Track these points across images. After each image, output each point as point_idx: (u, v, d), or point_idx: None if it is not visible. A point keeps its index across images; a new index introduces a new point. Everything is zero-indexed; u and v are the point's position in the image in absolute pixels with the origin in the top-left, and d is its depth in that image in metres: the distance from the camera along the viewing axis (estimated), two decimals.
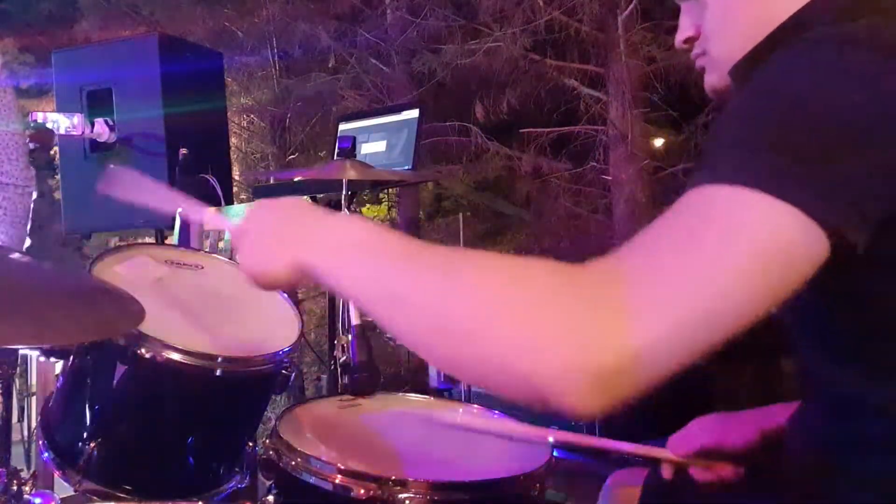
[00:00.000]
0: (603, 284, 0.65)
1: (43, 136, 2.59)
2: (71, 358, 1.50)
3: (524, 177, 5.80)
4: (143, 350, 1.37)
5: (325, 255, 0.81)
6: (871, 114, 0.69)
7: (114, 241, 4.17)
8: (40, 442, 1.51)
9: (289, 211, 0.90)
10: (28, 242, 2.45)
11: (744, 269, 0.64)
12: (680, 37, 0.98)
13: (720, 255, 0.64)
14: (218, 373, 1.42)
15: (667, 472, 1.14)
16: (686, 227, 0.67)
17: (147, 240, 3.11)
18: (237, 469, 1.56)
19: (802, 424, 0.94)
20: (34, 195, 2.48)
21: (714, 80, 0.95)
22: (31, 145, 2.64)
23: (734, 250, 0.64)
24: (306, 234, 0.84)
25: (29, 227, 2.46)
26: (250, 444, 1.56)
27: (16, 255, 1.32)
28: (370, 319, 1.93)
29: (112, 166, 1.24)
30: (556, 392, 0.61)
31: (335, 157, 2.21)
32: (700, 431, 1.13)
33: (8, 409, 1.48)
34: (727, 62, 0.91)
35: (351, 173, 1.87)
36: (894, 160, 0.68)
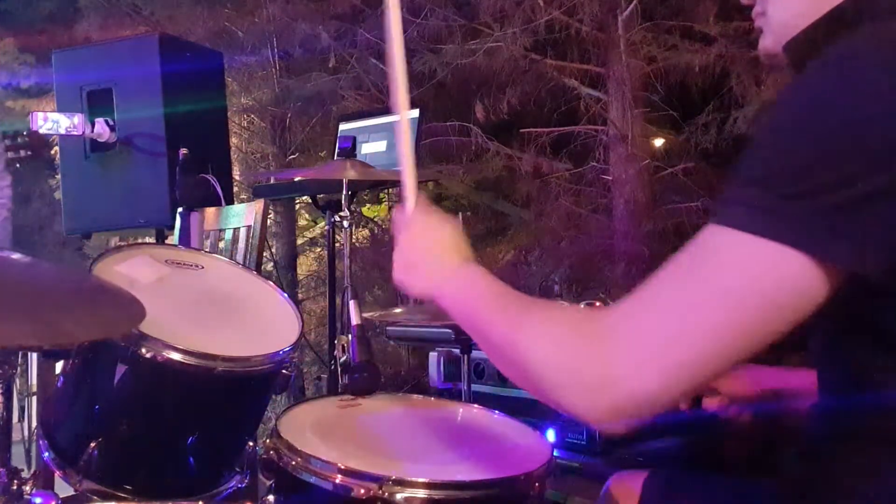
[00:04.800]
0: (607, 335, 0.76)
1: (31, 142, 2.55)
2: (71, 358, 1.50)
3: (524, 177, 5.79)
4: (143, 350, 1.37)
5: (441, 296, 1.05)
6: (878, 132, 0.66)
7: (114, 241, 4.17)
8: (41, 442, 1.51)
9: (431, 240, 1.11)
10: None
11: (734, 310, 0.69)
12: None
13: (711, 296, 0.70)
14: (218, 373, 1.42)
15: None
16: (685, 269, 0.74)
17: (147, 240, 3.11)
18: (237, 469, 1.56)
19: (820, 416, 0.93)
20: (8, 206, 2.41)
21: (769, 43, 0.93)
22: (10, 154, 2.59)
23: (725, 291, 0.70)
24: (435, 272, 1.07)
25: (6, 236, 2.39)
26: (250, 444, 1.56)
27: (16, 256, 1.32)
28: (370, 319, 1.94)
29: None
30: (579, 416, 0.78)
31: (335, 157, 2.21)
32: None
33: (8, 409, 1.48)
34: (783, 28, 0.89)
35: (351, 173, 1.87)
36: None
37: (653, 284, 0.76)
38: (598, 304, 2.35)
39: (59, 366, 1.76)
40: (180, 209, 2.61)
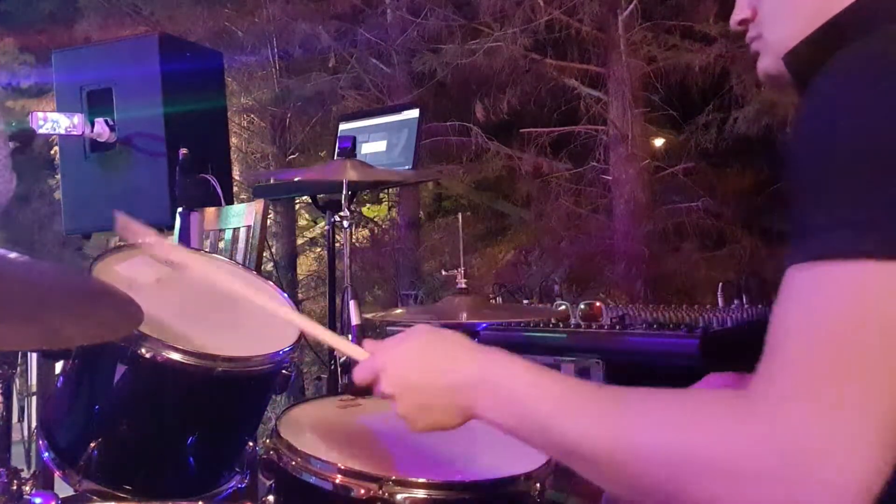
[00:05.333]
0: (789, 432, 0.61)
1: (22, 136, 2.59)
2: (71, 358, 1.50)
3: (524, 177, 5.80)
4: (143, 350, 1.37)
5: (497, 412, 0.82)
6: None
7: (114, 241, 4.17)
8: (40, 442, 1.51)
9: (419, 365, 0.89)
10: None
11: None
12: (735, 17, 0.93)
13: (879, 359, 0.60)
14: (218, 373, 1.42)
15: None
16: (825, 323, 0.63)
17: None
18: (237, 469, 1.56)
19: None
20: (11, 192, 2.43)
21: (768, 65, 0.89)
22: (11, 145, 2.62)
23: (880, 329, 0.61)
24: (470, 385, 0.84)
25: None
26: (250, 444, 1.56)
27: (15, 255, 1.31)
28: (370, 319, 1.93)
29: None
30: None
31: (335, 157, 2.21)
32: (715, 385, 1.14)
33: (8, 409, 1.48)
34: (782, 48, 0.85)
35: (351, 173, 1.87)
36: None
37: (797, 356, 0.63)
38: (598, 304, 2.35)
39: (59, 366, 1.76)
40: (180, 209, 2.61)
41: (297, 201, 6.46)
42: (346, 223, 1.94)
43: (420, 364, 0.90)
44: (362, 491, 1.12)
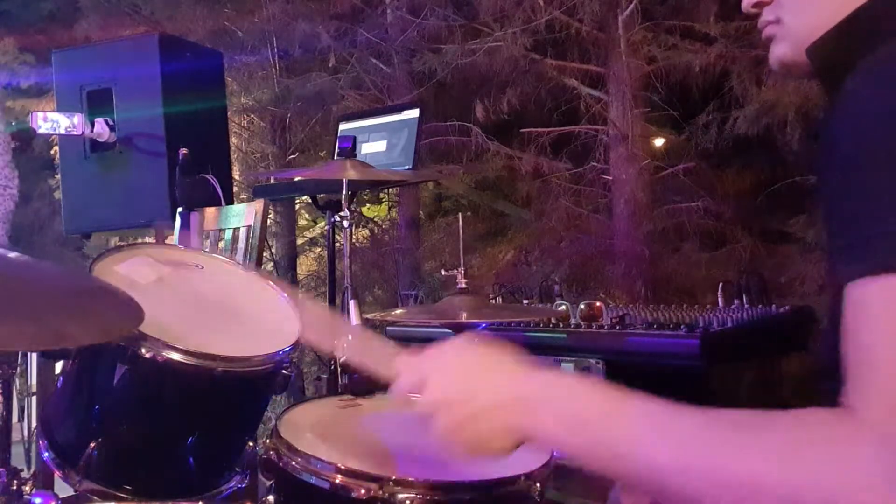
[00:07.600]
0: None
1: (22, 135, 2.60)
2: (71, 358, 1.50)
3: (524, 177, 5.79)
4: (143, 350, 1.37)
5: (561, 432, 0.76)
6: None
7: (114, 241, 4.17)
8: (40, 442, 1.51)
9: (484, 370, 0.81)
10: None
11: None
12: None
13: None
14: (218, 373, 1.42)
15: None
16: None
17: (147, 240, 3.11)
18: (237, 469, 1.56)
19: None
20: (15, 198, 2.45)
21: (785, 52, 0.85)
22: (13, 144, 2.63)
23: None
24: (528, 399, 0.77)
25: (6, 230, 2.44)
26: (250, 444, 1.56)
27: (14, 255, 1.31)
28: (370, 319, 1.93)
29: None
30: None
31: (335, 157, 2.21)
32: None
33: (8, 409, 1.48)
34: (804, 34, 0.81)
35: (351, 173, 1.87)
36: None
37: (887, 377, 0.61)
38: (598, 304, 2.35)
39: (59, 366, 1.76)
40: (180, 209, 2.61)
41: (297, 201, 6.46)
42: (346, 223, 1.94)
43: (479, 370, 0.82)
44: (362, 491, 1.12)
